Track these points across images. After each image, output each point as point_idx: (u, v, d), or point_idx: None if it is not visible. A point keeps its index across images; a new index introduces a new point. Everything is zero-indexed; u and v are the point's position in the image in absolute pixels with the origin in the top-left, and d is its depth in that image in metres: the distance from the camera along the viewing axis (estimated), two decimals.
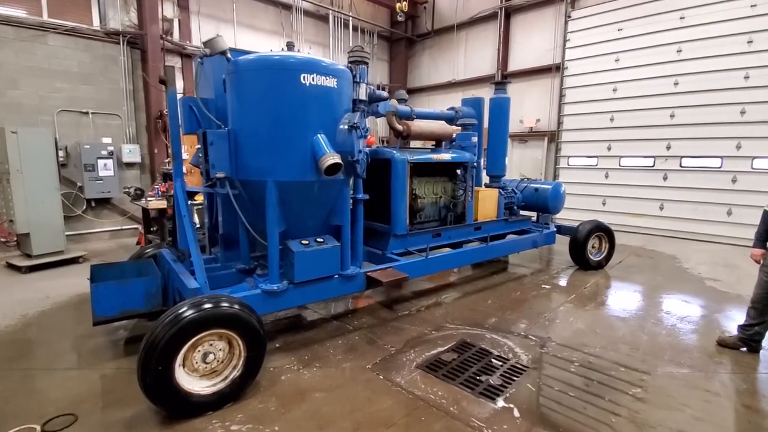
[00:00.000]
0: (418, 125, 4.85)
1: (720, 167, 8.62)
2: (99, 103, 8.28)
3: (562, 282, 5.97)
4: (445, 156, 5.12)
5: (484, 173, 6.85)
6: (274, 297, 3.46)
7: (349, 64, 4.03)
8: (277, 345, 3.85)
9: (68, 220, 7.91)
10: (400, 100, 5.78)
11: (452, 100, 14.36)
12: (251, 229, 3.54)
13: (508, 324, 4.42)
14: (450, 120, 6.21)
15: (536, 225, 6.86)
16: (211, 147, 3.26)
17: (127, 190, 7.06)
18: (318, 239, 3.71)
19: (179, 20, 9.36)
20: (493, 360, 3.63)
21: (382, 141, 14.22)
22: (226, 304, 2.81)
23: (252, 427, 2.67)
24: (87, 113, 8.12)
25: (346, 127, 3.47)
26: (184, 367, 2.76)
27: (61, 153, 7.72)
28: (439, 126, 5.09)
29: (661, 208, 9.36)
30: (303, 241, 3.62)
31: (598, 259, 6.57)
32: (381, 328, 4.30)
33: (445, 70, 13.84)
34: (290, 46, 3.73)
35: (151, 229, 7.01)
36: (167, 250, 3.95)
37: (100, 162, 8.00)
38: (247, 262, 4.08)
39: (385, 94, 4.53)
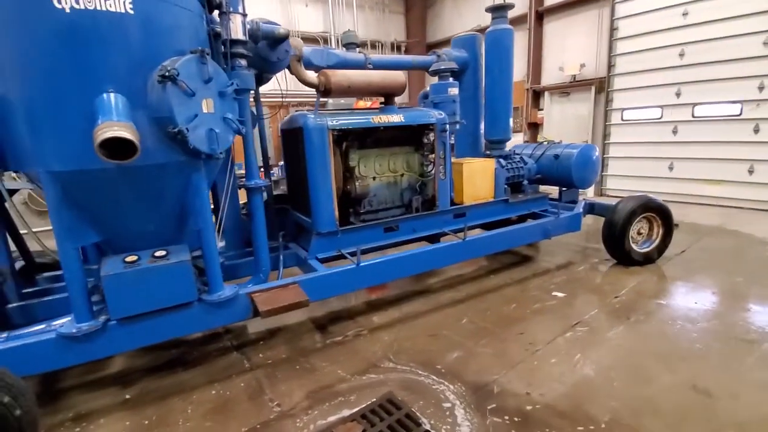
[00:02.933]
0: (343, 75, 3.36)
1: None
2: None
3: (586, 286, 4.27)
4: (394, 118, 3.60)
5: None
6: (80, 343, 2.35)
7: None
8: (128, 396, 2.79)
9: None
10: (350, 45, 4.31)
11: None
12: (38, 240, 2.44)
13: (473, 364, 2.97)
14: (427, 68, 4.62)
15: (558, 205, 5.10)
16: None
17: None
18: (157, 252, 2.52)
19: None
20: None
21: None
22: None
23: None
24: None
25: (157, 78, 2.15)
26: None
27: None
28: (380, 76, 3.55)
29: (751, 172, 6.91)
30: (128, 258, 2.45)
31: (646, 249, 4.70)
32: (288, 366, 3.07)
33: (470, 17, 11.68)
34: None
35: None
36: None
37: None
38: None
39: (281, 30, 3.09)
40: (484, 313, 3.75)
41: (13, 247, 3.03)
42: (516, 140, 10.74)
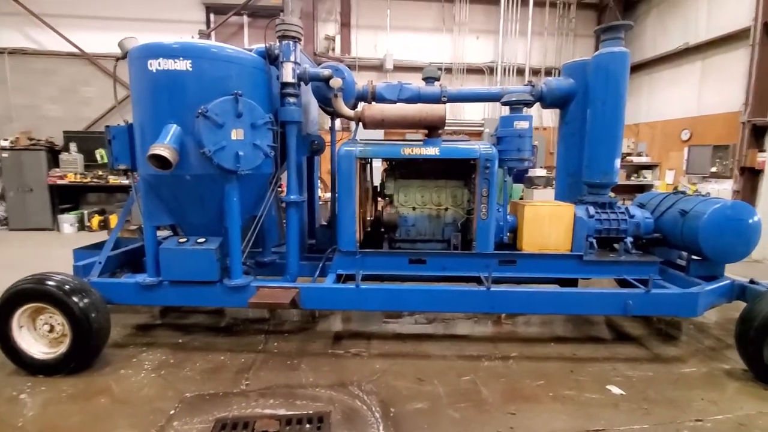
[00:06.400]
0: (378, 108, 3.57)
1: None
2: None
3: (668, 393, 3.08)
4: (429, 150, 3.57)
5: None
6: (146, 290, 3.43)
7: (267, 44, 3.48)
8: (180, 341, 3.80)
9: None
10: (429, 79, 4.49)
11: (683, 76, 9.69)
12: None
13: (426, 422, 2.71)
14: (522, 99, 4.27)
15: (680, 277, 3.83)
16: (114, 141, 3.52)
17: None
18: (199, 239, 3.41)
19: (340, 36, 10.42)
20: None
21: None
22: (49, 282, 3.01)
23: None
24: None
25: (196, 114, 3.00)
26: (32, 330, 3.15)
27: None
28: (416, 109, 3.55)
29: None
30: (181, 239, 3.42)
31: None
32: (282, 360, 3.49)
33: (677, 32, 9.53)
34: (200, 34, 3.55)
35: None
36: None
37: None
38: None
39: (326, 72, 3.59)
40: (496, 380, 3.26)
41: None
42: (723, 188, 8.17)
